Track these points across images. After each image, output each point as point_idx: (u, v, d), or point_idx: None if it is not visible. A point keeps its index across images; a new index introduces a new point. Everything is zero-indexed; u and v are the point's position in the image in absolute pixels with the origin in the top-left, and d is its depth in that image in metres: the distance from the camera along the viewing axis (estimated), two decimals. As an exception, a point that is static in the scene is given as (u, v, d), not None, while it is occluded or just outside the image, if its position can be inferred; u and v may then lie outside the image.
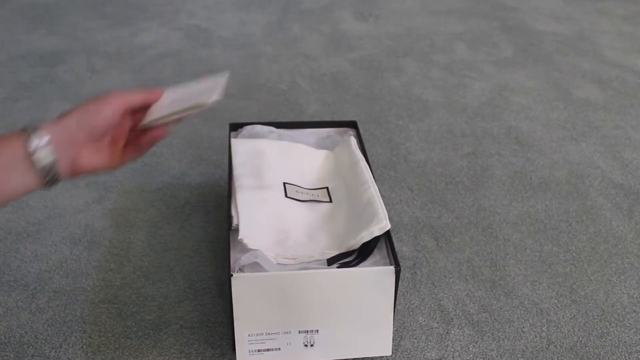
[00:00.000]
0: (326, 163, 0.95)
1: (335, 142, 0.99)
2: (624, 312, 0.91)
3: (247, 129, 1.00)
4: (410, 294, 0.92)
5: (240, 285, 0.72)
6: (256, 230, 0.78)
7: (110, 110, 0.65)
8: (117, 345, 0.82)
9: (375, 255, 0.78)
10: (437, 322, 0.88)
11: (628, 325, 0.89)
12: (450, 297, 0.92)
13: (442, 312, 0.89)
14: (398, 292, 0.76)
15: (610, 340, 0.86)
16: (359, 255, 0.78)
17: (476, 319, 0.88)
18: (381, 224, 0.78)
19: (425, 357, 0.83)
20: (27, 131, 0.60)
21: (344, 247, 0.79)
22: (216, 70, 1.55)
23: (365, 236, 0.78)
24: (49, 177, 0.61)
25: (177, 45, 1.69)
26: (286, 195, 0.86)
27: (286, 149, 0.95)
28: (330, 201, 0.87)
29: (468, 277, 0.96)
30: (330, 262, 0.77)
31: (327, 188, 0.90)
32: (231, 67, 1.58)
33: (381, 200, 0.82)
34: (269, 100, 1.44)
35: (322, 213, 0.85)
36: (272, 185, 0.87)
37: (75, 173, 0.65)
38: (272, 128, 1.01)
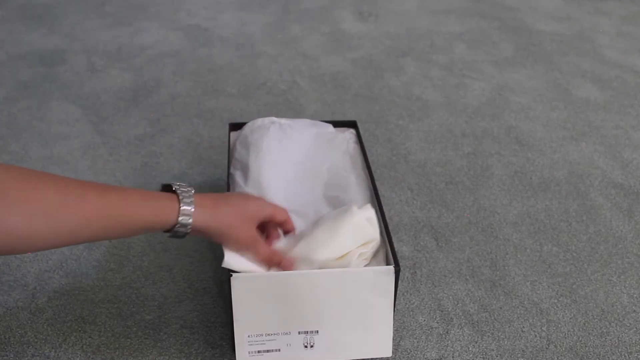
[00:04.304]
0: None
1: (335, 138, 0.98)
2: (624, 312, 0.91)
3: (248, 125, 0.99)
4: (410, 294, 0.92)
5: (240, 285, 0.72)
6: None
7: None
8: (117, 345, 0.82)
9: (377, 255, 0.78)
10: (437, 322, 0.88)
11: (628, 325, 0.89)
12: (450, 297, 0.92)
13: (442, 312, 0.89)
14: (398, 292, 0.76)
15: (610, 340, 0.86)
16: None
17: (476, 319, 0.88)
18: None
19: (425, 357, 0.83)
20: (179, 200, 0.66)
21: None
22: (216, 70, 1.55)
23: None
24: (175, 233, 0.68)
25: (177, 45, 1.69)
26: None
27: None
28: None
29: (468, 277, 0.96)
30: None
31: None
32: (231, 67, 1.58)
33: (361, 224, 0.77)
34: (269, 100, 1.44)
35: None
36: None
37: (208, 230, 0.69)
38: (273, 118, 1.00)
